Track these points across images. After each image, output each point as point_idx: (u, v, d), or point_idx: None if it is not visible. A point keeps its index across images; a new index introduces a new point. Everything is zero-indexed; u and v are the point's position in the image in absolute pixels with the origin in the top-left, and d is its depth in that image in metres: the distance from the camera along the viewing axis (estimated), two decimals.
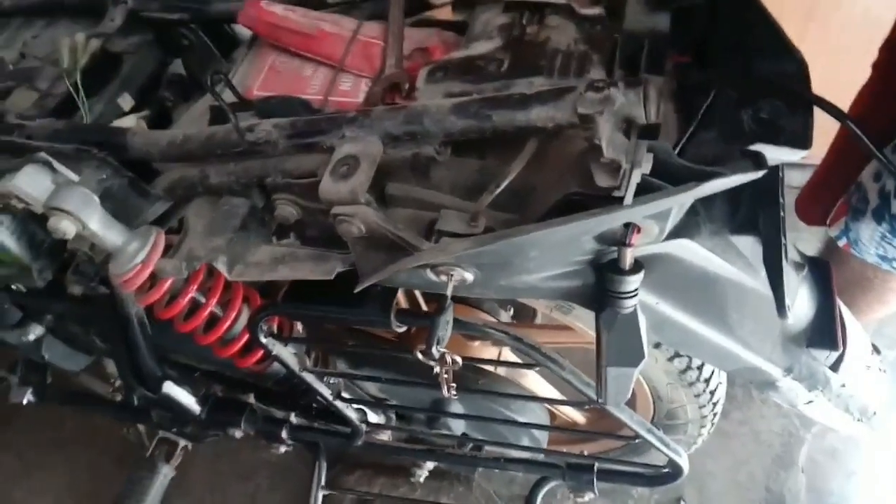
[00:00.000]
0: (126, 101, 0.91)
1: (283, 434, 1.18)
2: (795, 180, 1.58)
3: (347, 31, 0.82)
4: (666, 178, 0.57)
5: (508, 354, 1.34)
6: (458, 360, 0.80)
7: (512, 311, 1.49)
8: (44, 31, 0.98)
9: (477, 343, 1.34)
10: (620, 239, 0.63)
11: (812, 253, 1.36)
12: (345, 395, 1.09)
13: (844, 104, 1.16)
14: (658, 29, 0.69)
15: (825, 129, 0.74)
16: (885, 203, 1.07)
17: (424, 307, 1.34)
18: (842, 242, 1.19)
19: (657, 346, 1.07)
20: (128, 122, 0.88)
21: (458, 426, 1.26)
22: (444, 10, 0.85)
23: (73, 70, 0.86)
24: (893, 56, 1.12)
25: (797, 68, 0.67)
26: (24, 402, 1.36)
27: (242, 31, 0.92)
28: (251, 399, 1.20)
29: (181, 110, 0.95)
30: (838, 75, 1.23)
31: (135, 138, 0.76)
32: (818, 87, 0.64)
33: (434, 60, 0.74)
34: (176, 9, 0.93)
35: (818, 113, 0.64)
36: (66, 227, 0.70)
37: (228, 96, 0.76)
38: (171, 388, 1.09)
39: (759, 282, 0.81)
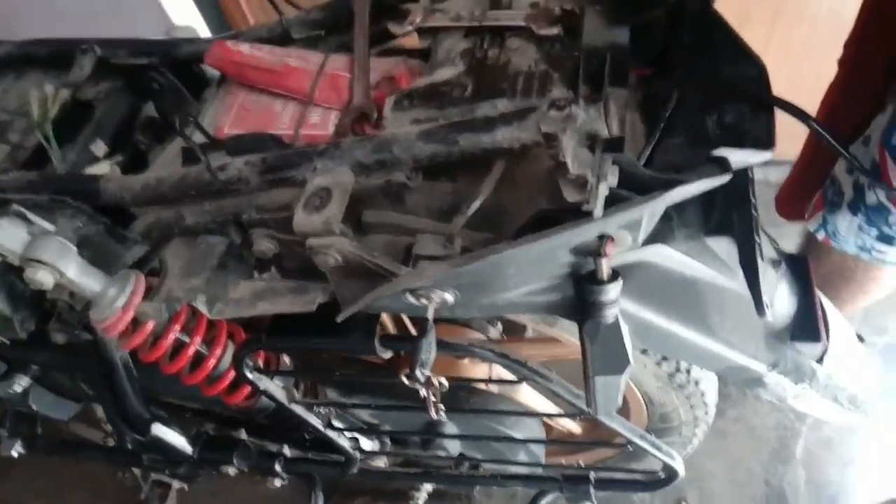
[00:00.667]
0: (99, 148, 0.91)
1: (278, 468, 1.17)
2: (774, 177, 1.60)
3: (314, 65, 0.83)
4: (633, 188, 0.58)
5: (499, 370, 1.34)
6: (444, 382, 0.80)
7: (500, 327, 1.49)
8: (13, 84, 0.99)
9: (467, 361, 1.34)
10: (595, 250, 0.64)
11: (793, 247, 1.39)
12: (336, 423, 1.09)
13: (814, 102, 1.18)
14: (618, 43, 0.71)
15: (800, 127, 0.75)
16: (859, 195, 1.09)
17: (411, 329, 1.34)
18: (821, 235, 1.20)
19: (644, 351, 1.08)
20: (101, 168, 0.88)
21: (455, 446, 1.25)
22: (409, 38, 0.86)
23: (43, 122, 0.87)
24: (858, 52, 1.14)
25: (757, 72, 0.68)
26: (15, 454, 1.34)
27: (212, 69, 0.92)
28: (243, 435, 1.19)
29: (156, 153, 0.95)
30: (807, 74, 1.26)
31: (108, 184, 0.76)
32: (787, 85, 0.65)
33: (400, 89, 0.75)
34: (144, 53, 0.94)
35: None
36: (43, 278, 0.70)
37: (200, 137, 0.77)
38: (160, 430, 1.08)
39: (737, 282, 0.82)
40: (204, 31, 1.94)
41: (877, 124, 1.03)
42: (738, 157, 0.63)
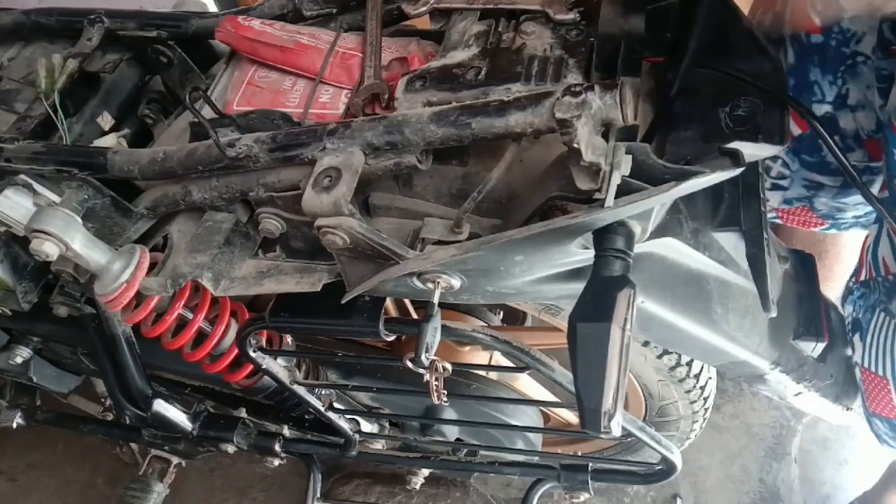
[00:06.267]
0: (106, 121, 0.91)
1: (277, 447, 1.17)
2: None
3: (325, 43, 0.82)
4: (645, 178, 0.58)
5: (500, 358, 1.34)
6: (448, 366, 0.80)
7: (501, 315, 1.49)
8: (20, 52, 0.98)
9: (468, 348, 1.34)
10: None
11: None
12: (337, 405, 1.09)
13: None
14: (633, 31, 0.70)
15: None
16: None
17: (413, 314, 1.34)
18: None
19: (646, 344, 1.08)
20: (108, 141, 0.88)
21: (453, 432, 1.26)
22: (421, 20, 0.85)
23: (50, 91, 0.86)
24: None
25: (772, 67, 0.67)
26: (14, 425, 1.35)
27: (221, 45, 0.92)
28: (243, 413, 1.19)
29: (162, 127, 0.95)
30: None
31: (115, 157, 0.76)
32: None
33: (412, 70, 0.74)
34: (153, 26, 0.92)
35: None
36: (48, 249, 0.70)
37: (208, 112, 0.76)
38: (161, 406, 1.08)
39: (742, 277, 0.82)
40: (213, 6, 1.92)
41: None
42: (751, 151, 0.62)
